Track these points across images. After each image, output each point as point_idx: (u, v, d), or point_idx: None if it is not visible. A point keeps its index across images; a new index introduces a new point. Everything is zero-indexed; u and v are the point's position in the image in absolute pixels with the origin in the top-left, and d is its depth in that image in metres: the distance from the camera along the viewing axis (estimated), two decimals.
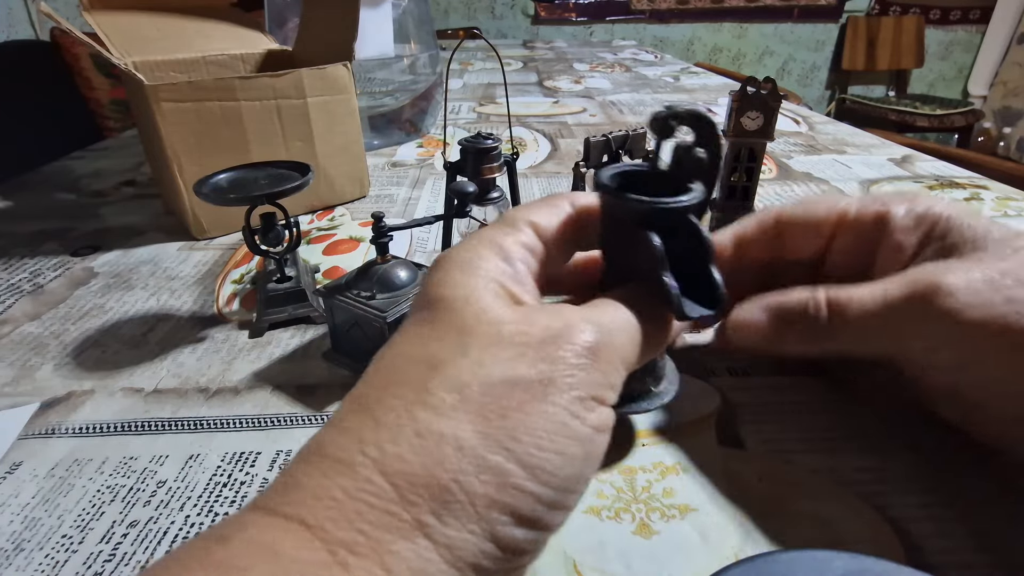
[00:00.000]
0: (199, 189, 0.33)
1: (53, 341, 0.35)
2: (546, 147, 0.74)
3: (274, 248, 0.36)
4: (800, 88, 3.25)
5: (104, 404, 0.30)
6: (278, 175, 0.36)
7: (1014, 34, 2.97)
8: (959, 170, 0.64)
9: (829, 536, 0.22)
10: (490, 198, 0.41)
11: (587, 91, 1.10)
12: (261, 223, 0.35)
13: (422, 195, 0.58)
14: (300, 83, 0.48)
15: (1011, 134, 2.91)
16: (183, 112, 0.43)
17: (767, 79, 0.43)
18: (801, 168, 0.65)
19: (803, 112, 0.90)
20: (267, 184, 0.34)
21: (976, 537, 0.22)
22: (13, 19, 2.04)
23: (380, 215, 0.32)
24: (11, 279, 0.42)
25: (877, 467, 0.25)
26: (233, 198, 0.33)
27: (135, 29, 0.50)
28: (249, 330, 0.36)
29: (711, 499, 0.24)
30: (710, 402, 0.29)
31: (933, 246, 0.23)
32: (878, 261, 0.25)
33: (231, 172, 0.36)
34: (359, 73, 0.69)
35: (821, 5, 3.06)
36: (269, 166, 0.37)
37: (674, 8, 3.05)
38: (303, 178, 0.34)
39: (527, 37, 3.00)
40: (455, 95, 1.06)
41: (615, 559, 0.21)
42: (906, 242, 0.24)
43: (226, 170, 0.36)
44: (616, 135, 0.39)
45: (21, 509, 0.24)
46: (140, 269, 0.44)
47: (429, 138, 0.77)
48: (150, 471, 0.26)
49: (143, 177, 0.64)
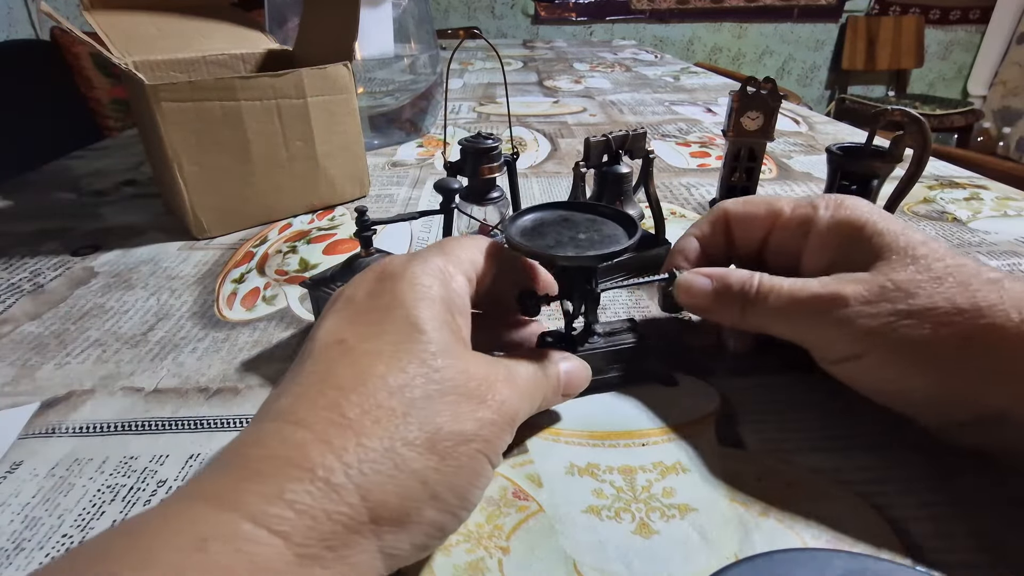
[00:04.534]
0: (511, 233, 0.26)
1: (53, 341, 0.35)
2: (546, 147, 0.74)
3: None
4: (800, 88, 3.25)
5: (104, 404, 0.30)
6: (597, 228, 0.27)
7: (1014, 34, 2.97)
8: (959, 170, 0.64)
9: (829, 536, 0.22)
10: (490, 198, 0.41)
11: (587, 91, 1.10)
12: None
13: (422, 195, 0.58)
14: (300, 83, 0.48)
15: (1011, 134, 2.91)
16: (183, 112, 0.43)
17: (767, 79, 0.43)
18: (801, 168, 0.65)
19: (803, 112, 0.90)
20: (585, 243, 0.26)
21: (976, 537, 0.22)
22: (13, 19, 2.04)
23: (363, 209, 0.32)
24: (11, 279, 0.42)
25: (877, 467, 0.25)
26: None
27: (135, 29, 0.50)
28: None
29: (711, 499, 0.24)
30: (710, 402, 0.29)
31: (851, 248, 0.26)
32: (803, 260, 0.28)
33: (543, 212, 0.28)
34: (359, 73, 0.69)
35: (821, 5, 3.06)
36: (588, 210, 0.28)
37: (674, 8, 3.05)
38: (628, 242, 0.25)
39: (527, 37, 3.00)
40: (455, 95, 1.06)
41: (615, 559, 0.21)
42: (825, 246, 0.27)
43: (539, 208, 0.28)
44: (616, 135, 0.39)
45: (21, 508, 0.24)
46: (140, 269, 0.44)
47: (429, 138, 0.77)
48: (150, 471, 0.26)
49: (143, 177, 0.64)
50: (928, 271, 0.23)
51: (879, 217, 0.26)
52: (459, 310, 0.22)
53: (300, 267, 0.44)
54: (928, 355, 0.22)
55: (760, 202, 0.30)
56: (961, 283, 0.22)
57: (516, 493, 0.24)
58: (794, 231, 0.28)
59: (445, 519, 0.19)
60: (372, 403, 0.18)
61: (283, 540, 0.15)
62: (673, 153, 0.71)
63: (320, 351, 0.20)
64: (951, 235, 0.48)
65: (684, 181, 0.61)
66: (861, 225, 0.26)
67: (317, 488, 0.16)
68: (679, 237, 0.33)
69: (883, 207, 0.40)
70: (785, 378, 0.30)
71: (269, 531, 0.15)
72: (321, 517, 0.16)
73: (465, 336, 0.22)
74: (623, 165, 0.41)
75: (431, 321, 0.20)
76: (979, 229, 0.49)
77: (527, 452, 0.26)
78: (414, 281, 0.21)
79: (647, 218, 0.45)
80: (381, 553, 0.17)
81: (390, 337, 0.20)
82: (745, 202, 0.31)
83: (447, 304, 0.21)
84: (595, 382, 0.30)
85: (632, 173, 0.41)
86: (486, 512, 0.23)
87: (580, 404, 0.29)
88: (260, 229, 0.50)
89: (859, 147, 0.40)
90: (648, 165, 0.40)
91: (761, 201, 0.30)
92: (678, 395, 0.30)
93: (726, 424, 0.28)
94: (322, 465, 0.16)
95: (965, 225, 0.50)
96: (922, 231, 0.25)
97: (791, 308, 0.25)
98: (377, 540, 0.17)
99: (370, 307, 0.21)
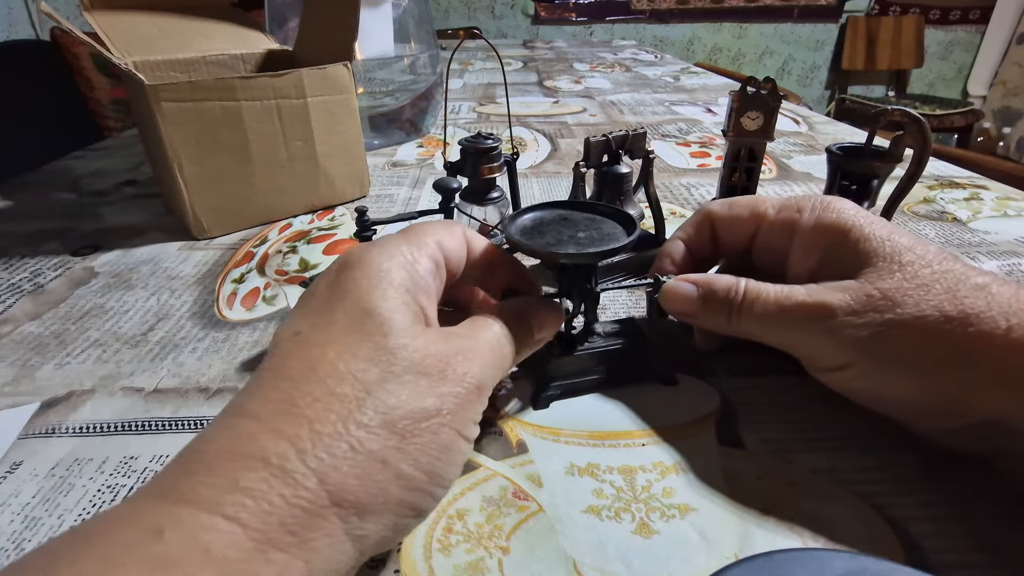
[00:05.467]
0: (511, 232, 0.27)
1: (53, 341, 0.35)
2: (546, 147, 0.74)
3: None
4: (800, 88, 3.25)
5: (104, 404, 0.30)
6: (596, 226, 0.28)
7: (1014, 34, 2.97)
8: (959, 170, 0.64)
9: (829, 536, 0.22)
10: (490, 198, 0.41)
11: (587, 91, 1.10)
12: None
13: (422, 195, 0.58)
14: (300, 83, 0.48)
15: (1011, 134, 2.91)
16: (183, 112, 0.43)
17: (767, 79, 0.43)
18: (801, 168, 0.65)
19: (803, 112, 0.90)
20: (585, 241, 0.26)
21: (976, 537, 0.22)
22: (13, 19, 2.04)
23: (363, 209, 0.32)
24: (11, 279, 0.42)
25: (877, 467, 0.25)
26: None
27: (135, 29, 0.50)
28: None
29: (711, 499, 0.24)
30: (710, 402, 0.29)
31: (837, 252, 0.26)
32: (789, 263, 0.28)
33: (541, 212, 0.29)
34: (359, 73, 0.69)
35: (821, 5, 3.06)
36: (585, 209, 0.29)
37: (674, 8, 3.05)
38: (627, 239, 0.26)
39: (527, 37, 3.00)
40: (455, 95, 1.06)
41: (615, 559, 0.21)
42: (811, 248, 0.27)
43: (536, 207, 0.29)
44: (616, 135, 0.39)
45: (21, 509, 0.24)
46: (140, 269, 0.44)
47: (429, 138, 0.77)
48: (151, 471, 0.26)
49: (143, 177, 0.64)
50: (915, 278, 0.23)
51: (865, 221, 0.25)
52: (423, 290, 0.22)
53: (300, 267, 0.44)
54: (916, 364, 0.22)
55: (744, 204, 0.30)
56: (948, 290, 0.22)
57: (516, 493, 0.24)
58: (779, 234, 0.28)
59: (415, 497, 0.18)
60: (323, 390, 0.18)
61: (240, 527, 0.15)
62: (673, 153, 0.71)
63: (277, 346, 0.20)
64: (951, 235, 0.48)
65: (684, 181, 0.61)
66: (847, 230, 0.25)
67: (272, 475, 0.16)
68: (667, 240, 0.33)
69: (883, 207, 0.41)
70: (785, 378, 0.30)
71: (225, 518, 0.15)
72: (279, 502, 0.16)
73: (430, 316, 0.22)
74: (623, 165, 0.41)
75: (385, 303, 0.20)
76: (979, 229, 0.49)
77: (527, 452, 0.26)
78: (370, 267, 0.21)
79: (647, 218, 0.45)
80: (349, 536, 0.17)
81: (341, 324, 0.20)
82: (730, 204, 0.30)
83: (407, 287, 0.21)
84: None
85: (632, 173, 0.41)
86: (486, 512, 0.23)
87: (580, 404, 0.29)
88: (260, 229, 0.50)
89: (859, 147, 0.40)
90: (648, 165, 0.40)
91: (745, 203, 0.30)
92: (678, 395, 0.30)
93: (726, 424, 0.28)
94: (275, 453, 0.16)
95: (965, 225, 0.50)
96: (909, 233, 0.25)
97: (777, 316, 0.25)
98: (343, 523, 0.17)
99: (327, 297, 0.21)
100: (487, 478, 0.25)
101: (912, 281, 0.23)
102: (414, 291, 0.21)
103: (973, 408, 0.22)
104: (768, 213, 0.29)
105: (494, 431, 0.28)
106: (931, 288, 0.23)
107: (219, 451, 0.17)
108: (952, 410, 0.23)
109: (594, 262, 0.27)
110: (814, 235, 0.27)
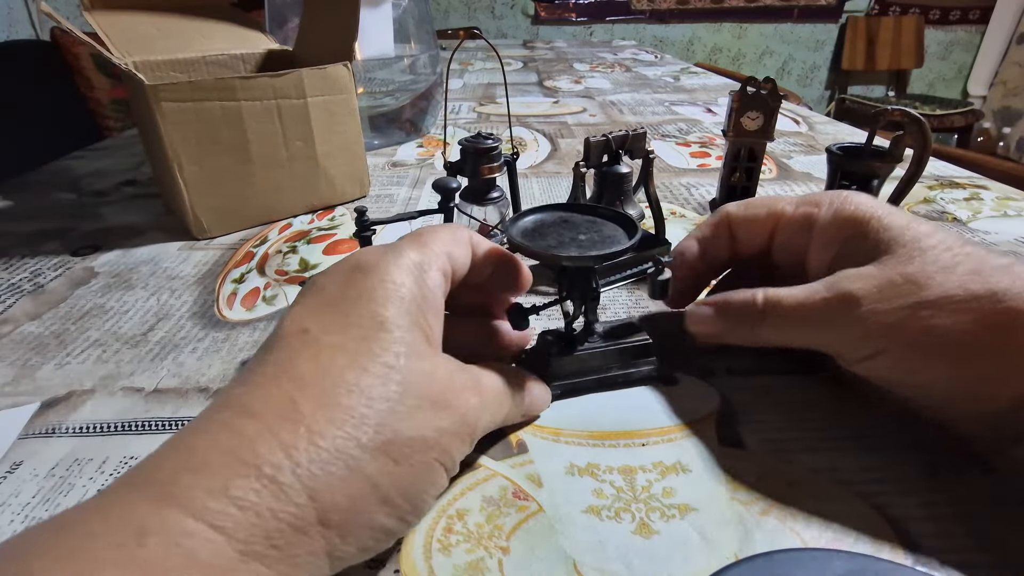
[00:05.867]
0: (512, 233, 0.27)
1: (53, 341, 0.35)
2: (546, 147, 0.74)
3: None
4: (800, 88, 3.25)
5: (104, 404, 0.30)
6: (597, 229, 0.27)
7: (1014, 34, 2.97)
8: (959, 170, 0.64)
9: (829, 536, 0.22)
10: (490, 198, 0.41)
11: (587, 91, 1.10)
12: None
13: (422, 195, 0.58)
14: (300, 83, 0.48)
15: (1011, 134, 2.91)
16: (183, 112, 0.43)
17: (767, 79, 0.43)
18: (801, 168, 0.65)
19: (803, 112, 0.90)
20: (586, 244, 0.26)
21: (976, 537, 0.22)
22: (13, 19, 2.04)
23: (363, 209, 0.32)
24: (11, 279, 0.42)
25: (877, 467, 0.25)
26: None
27: (135, 29, 0.50)
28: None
29: (711, 499, 0.24)
30: (710, 402, 0.29)
31: (856, 244, 0.26)
32: (808, 258, 0.28)
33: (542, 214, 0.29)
34: (359, 73, 0.69)
35: (821, 5, 3.06)
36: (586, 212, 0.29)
37: (674, 8, 3.05)
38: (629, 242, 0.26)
39: (527, 37, 3.00)
40: (455, 95, 1.06)
41: (615, 559, 0.21)
42: (829, 242, 0.27)
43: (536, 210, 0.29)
44: (616, 135, 0.39)
45: (21, 509, 0.24)
46: (140, 269, 0.44)
47: (429, 138, 0.77)
48: None
49: (143, 177, 0.64)
50: (937, 262, 0.23)
51: (883, 212, 0.26)
52: (431, 308, 0.22)
53: (300, 267, 0.44)
54: (948, 343, 0.22)
55: (761, 204, 0.30)
56: (972, 270, 0.22)
57: (516, 493, 0.24)
58: (798, 230, 0.28)
59: (393, 524, 0.18)
60: (329, 400, 0.17)
61: (225, 537, 0.15)
62: (673, 153, 0.71)
63: (282, 340, 0.19)
64: None
65: (684, 181, 0.61)
66: (866, 220, 0.25)
67: (263, 486, 0.16)
68: (680, 240, 0.33)
69: None
70: (785, 378, 0.30)
71: (211, 527, 0.15)
72: (266, 515, 0.15)
73: (436, 337, 0.22)
74: (623, 165, 0.41)
75: (398, 320, 0.20)
76: (979, 229, 0.49)
77: (527, 452, 0.26)
78: (385, 277, 0.20)
79: (647, 218, 0.45)
80: (328, 555, 0.17)
81: (355, 332, 0.19)
82: (747, 205, 0.31)
83: (418, 303, 0.21)
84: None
85: (632, 173, 0.41)
86: (486, 512, 0.23)
87: (580, 404, 0.29)
88: (260, 229, 0.50)
89: (859, 147, 0.40)
90: (648, 165, 0.40)
91: (762, 203, 0.30)
92: (678, 395, 0.30)
93: (726, 424, 0.28)
94: (269, 462, 0.16)
95: (965, 225, 0.50)
96: (929, 222, 0.25)
97: (801, 317, 0.25)
98: (325, 542, 0.16)
99: (338, 298, 0.20)
100: (487, 478, 0.25)
101: (935, 264, 0.23)
102: (424, 308, 0.21)
103: (1007, 386, 0.22)
104: (786, 210, 0.29)
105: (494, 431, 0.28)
106: (954, 269, 0.22)
107: (213, 448, 0.16)
108: (984, 391, 0.22)
109: (598, 265, 0.27)
110: (832, 229, 0.26)
